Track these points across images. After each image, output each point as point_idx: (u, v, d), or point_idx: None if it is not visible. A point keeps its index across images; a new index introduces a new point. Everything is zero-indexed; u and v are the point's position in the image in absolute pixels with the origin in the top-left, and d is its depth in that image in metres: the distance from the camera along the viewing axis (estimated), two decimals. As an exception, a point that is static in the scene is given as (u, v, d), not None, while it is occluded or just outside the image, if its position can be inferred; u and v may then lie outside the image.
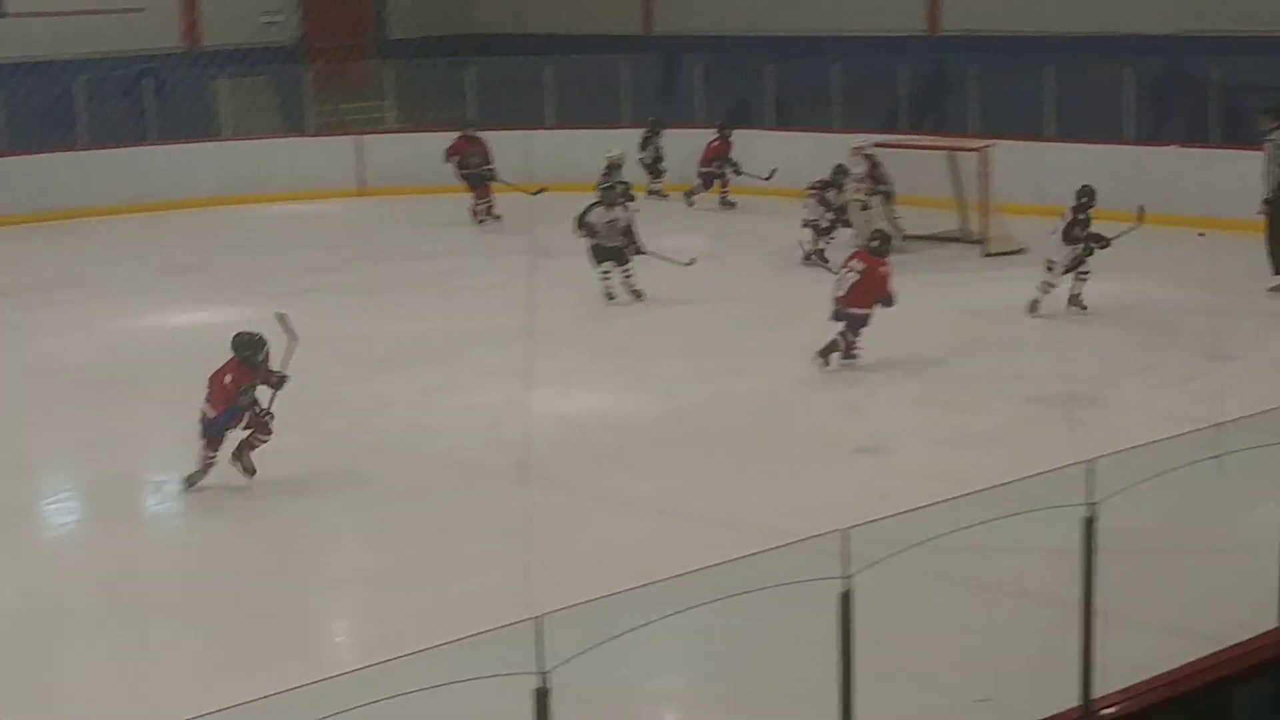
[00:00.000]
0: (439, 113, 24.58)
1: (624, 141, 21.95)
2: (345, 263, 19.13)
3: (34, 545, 10.56)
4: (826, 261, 16.30)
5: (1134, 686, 7.25)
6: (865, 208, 18.58)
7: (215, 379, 10.81)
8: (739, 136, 22.53)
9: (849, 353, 13.55)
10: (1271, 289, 15.80)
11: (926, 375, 13.57)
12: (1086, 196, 15.15)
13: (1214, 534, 9.26)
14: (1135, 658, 7.46)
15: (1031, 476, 7.44)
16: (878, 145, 19.48)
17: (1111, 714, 7.08)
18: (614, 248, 16.08)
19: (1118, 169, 20.03)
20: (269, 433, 10.94)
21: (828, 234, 18.04)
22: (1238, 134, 20.02)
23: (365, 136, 24.51)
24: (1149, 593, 8.29)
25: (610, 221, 16.03)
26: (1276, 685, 7.65)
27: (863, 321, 13.52)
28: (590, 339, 15.06)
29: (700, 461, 11.53)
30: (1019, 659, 7.98)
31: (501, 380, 12.95)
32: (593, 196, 16.86)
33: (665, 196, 22.39)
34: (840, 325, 13.51)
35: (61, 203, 22.08)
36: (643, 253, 16.19)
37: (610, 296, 16.07)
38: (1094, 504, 6.90)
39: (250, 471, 10.93)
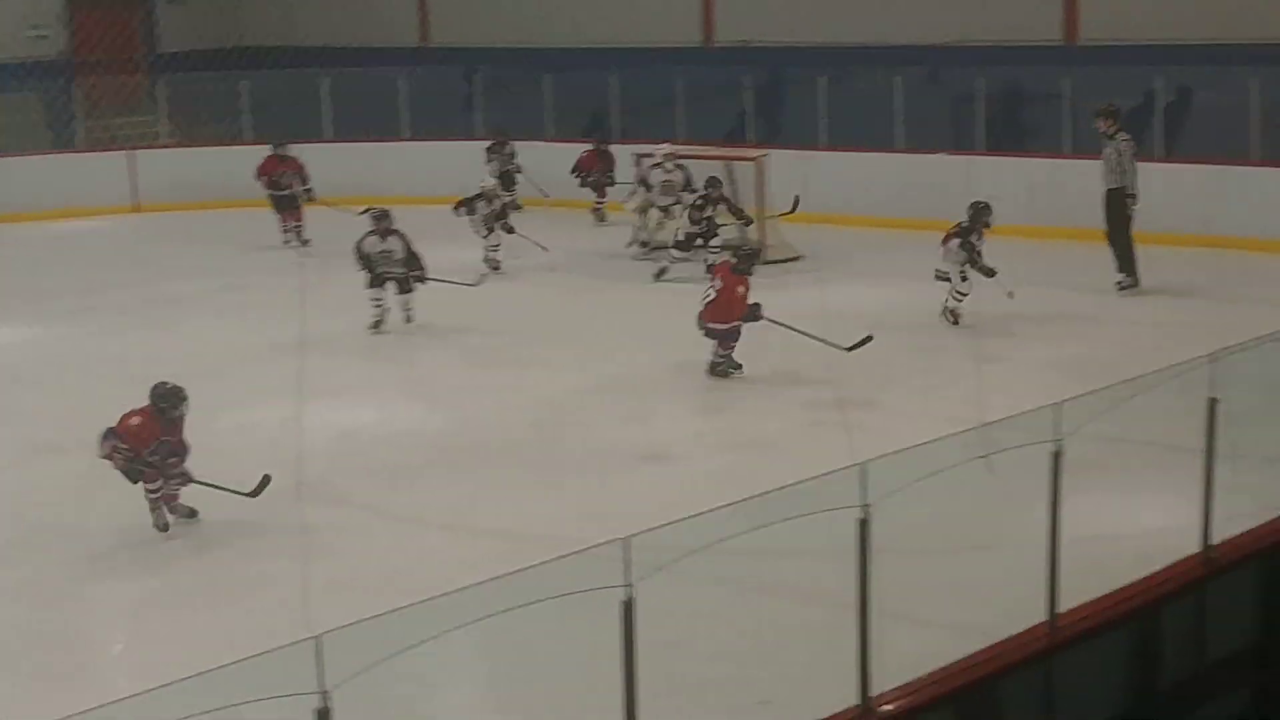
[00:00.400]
0: (213, 127, 24.20)
1: (414, 154, 21.99)
2: (120, 281, 18.72)
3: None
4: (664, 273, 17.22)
5: (910, 684, 7.43)
6: (668, 216, 18.77)
7: (125, 416, 10.22)
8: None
9: (720, 370, 13.59)
10: (1117, 285, 16.21)
11: (708, 383, 13.72)
12: (988, 214, 15.37)
13: (983, 531, 9.51)
14: (912, 655, 7.65)
15: (808, 480, 7.57)
16: (646, 156, 19.64)
17: (889, 711, 7.25)
18: (391, 277, 15.57)
19: (887, 176, 20.58)
20: (158, 483, 10.31)
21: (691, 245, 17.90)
22: (1001, 142, 20.67)
23: (138, 152, 24.02)
24: (923, 591, 8.49)
25: (384, 251, 15.53)
26: (1045, 677, 7.90)
27: (729, 335, 13.60)
28: (370, 353, 14.95)
29: (483, 474, 11.52)
30: (800, 660, 8.12)
31: (279, 397, 12.79)
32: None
33: (519, 208, 21.63)
34: (712, 342, 13.60)
35: None
36: (425, 280, 15.71)
37: (376, 324, 15.52)
38: (867, 505, 7.05)
39: (189, 513, 10.48)
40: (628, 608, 6.32)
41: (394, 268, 15.56)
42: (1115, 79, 21.00)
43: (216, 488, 10.40)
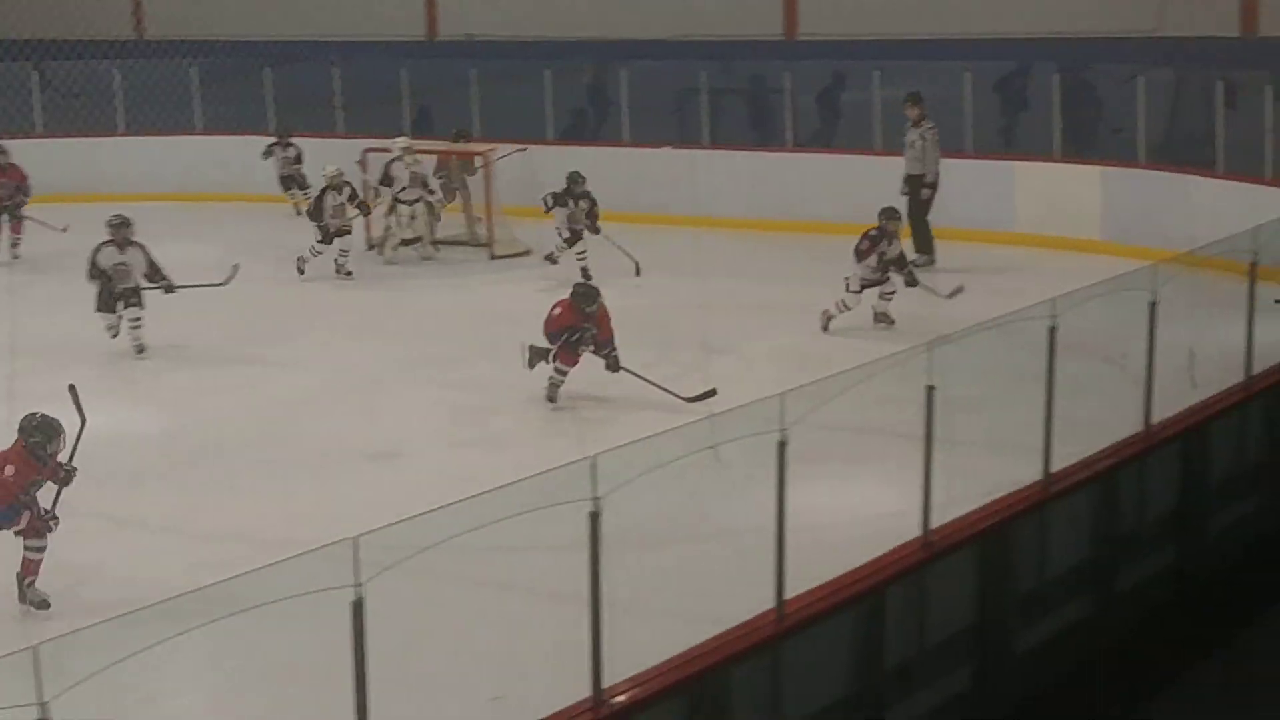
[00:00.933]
0: None
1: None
2: None
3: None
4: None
5: (642, 674, 7.48)
6: (413, 216, 18.52)
7: None
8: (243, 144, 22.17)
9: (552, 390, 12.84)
10: (912, 263, 15.77)
11: (440, 379, 13.66)
12: (895, 219, 15.25)
13: (712, 521, 9.64)
14: (644, 646, 7.70)
15: (540, 475, 7.56)
16: (375, 151, 19.44)
17: (622, 702, 7.29)
18: (125, 291, 14.55)
19: (615, 170, 20.68)
20: (44, 539, 9.06)
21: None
22: (724, 135, 20.99)
23: None
24: (655, 582, 8.56)
25: (121, 264, 14.48)
26: (774, 662, 8.03)
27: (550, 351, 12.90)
28: (93, 355, 14.46)
29: (211, 476, 11.28)
30: (533, 655, 8.12)
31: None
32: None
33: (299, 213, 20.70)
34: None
35: None
36: (172, 289, 14.72)
37: (113, 334, 14.69)
38: (597, 498, 7.08)
39: (43, 604, 9.04)
40: (357, 607, 6.24)
41: (130, 282, 14.48)
42: (834, 74, 21.55)
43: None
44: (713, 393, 12.43)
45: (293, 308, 16.65)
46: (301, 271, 17.69)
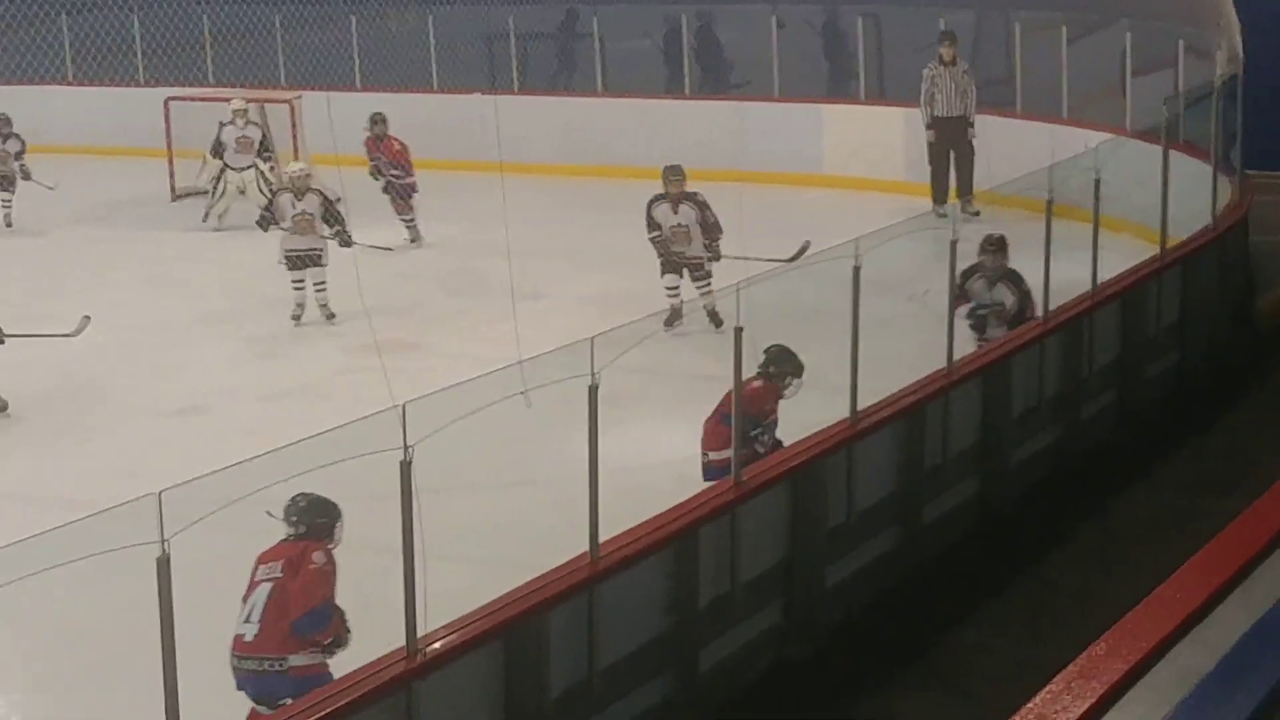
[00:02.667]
0: None
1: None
2: None
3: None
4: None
5: (457, 621, 7.48)
6: (242, 187, 17.72)
7: None
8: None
9: None
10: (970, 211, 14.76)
11: (244, 332, 13.47)
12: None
13: (526, 468, 9.66)
14: (459, 594, 7.69)
15: (348, 424, 7.49)
16: (180, 99, 19.05)
17: (438, 650, 7.28)
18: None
19: (422, 116, 20.54)
20: None
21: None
22: (533, 82, 20.93)
23: None
24: (468, 530, 8.57)
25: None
26: (589, 606, 8.07)
27: None
28: None
29: (7, 435, 11.02)
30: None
31: None
32: None
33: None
34: None
35: None
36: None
37: None
38: (409, 447, 7.04)
39: None
40: (163, 564, 6.14)
41: None
42: (641, 16, 21.57)
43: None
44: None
45: (89, 262, 16.27)
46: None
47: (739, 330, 9.03)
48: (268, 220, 14.24)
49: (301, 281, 13.87)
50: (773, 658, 9.21)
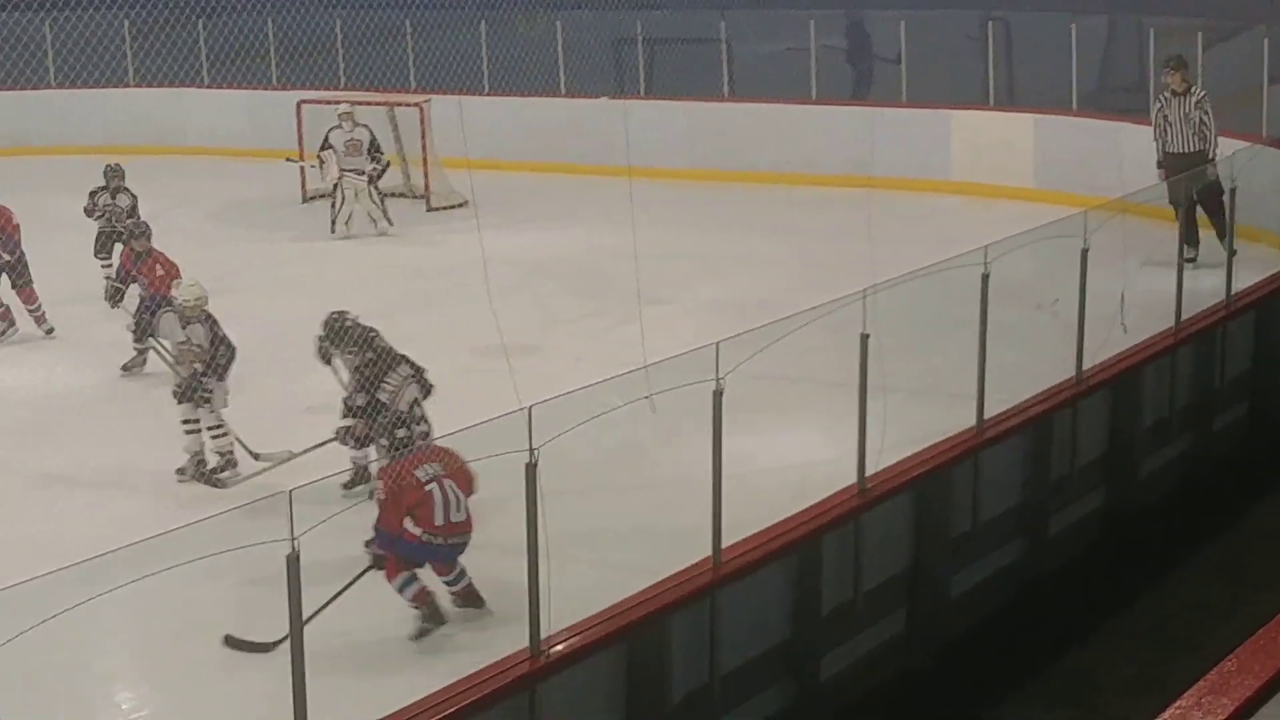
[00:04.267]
0: None
1: None
2: None
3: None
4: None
5: (580, 624, 7.52)
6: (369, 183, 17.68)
7: None
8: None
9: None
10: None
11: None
12: None
13: (649, 471, 9.67)
14: (582, 596, 7.73)
15: (472, 426, 7.56)
16: (312, 102, 19.28)
17: (560, 651, 7.33)
18: (117, 233, 14.44)
19: (549, 120, 20.66)
20: None
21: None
22: (662, 86, 20.93)
23: None
24: (592, 533, 8.58)
25: (111, 206, 14.49)
26: (711, 611, 8.07)
27: None
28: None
29: (138, 431, 11.18)
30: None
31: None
32: None
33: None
34: None
35: None
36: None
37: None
38: (535, 449, 7.09)
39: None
40: (293, 561, 6.23)
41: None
42: (772, 23, 21.51)
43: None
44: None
45: (221, 261, 16.49)
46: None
47: (865, 337, 9.00)
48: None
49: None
50: (894, 667, 9.15)
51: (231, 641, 7.60)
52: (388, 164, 18.52)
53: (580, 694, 7.57)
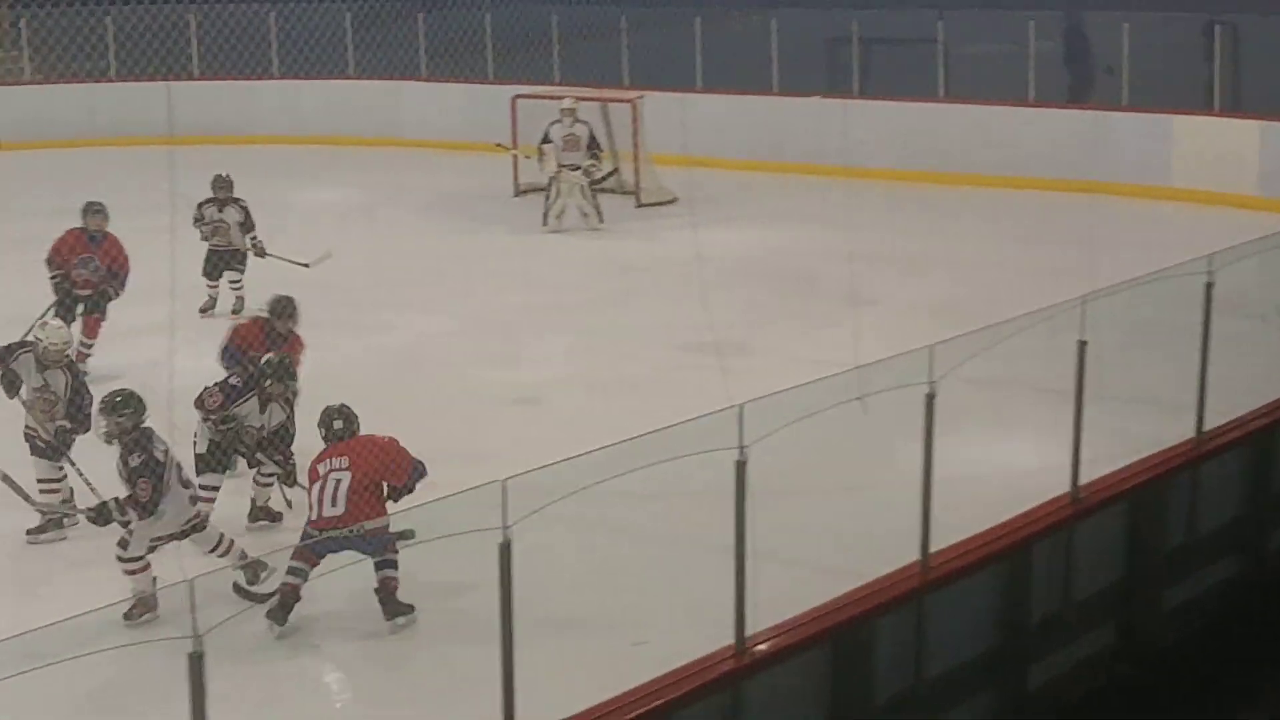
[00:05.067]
0: (76, 64, 23.68)
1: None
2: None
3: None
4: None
5: (784, 623, 7.48)
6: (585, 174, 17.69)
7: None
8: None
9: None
10: None
11: (580, 326, 13.69)
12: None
13: (857, 473, 9.59)
14: (786, 596, 7.70)
15: (683, 423, 7.57)
16: (527, 97, 19.47)
17: (764, 651, 7.30)
18: (225, 253, 14.05)
19: (763, 119, 20.62)
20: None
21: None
22: (875, 86, 20.75)
23: (-1, 88, 23.51)
24: (797, 532, 8.54)
25: (220, 221, 14.00)
26: (917, 616, 7.99)
27: None
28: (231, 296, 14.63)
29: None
30: (674, 602, 8.14)
31: (147, 339, 12.58)
32: None
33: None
34: None
35: None
36: (263, 256, 13.98)
37: (205, 309, 14.01)
38: (745, 447, 7.07)
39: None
40: (505, 549, 6.29)
41: (224, 240, 13.98)
42: (988, 23, 21.22)
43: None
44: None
45: (434, 252, 16.77)
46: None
47: (1082, 344, 8.83)
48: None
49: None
50: (1103, 679, 8.97)
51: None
52: (613, 170, 18.64)
53: (783, 694, 7.54)
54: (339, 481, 7.94)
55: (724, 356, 12.11)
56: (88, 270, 12.05)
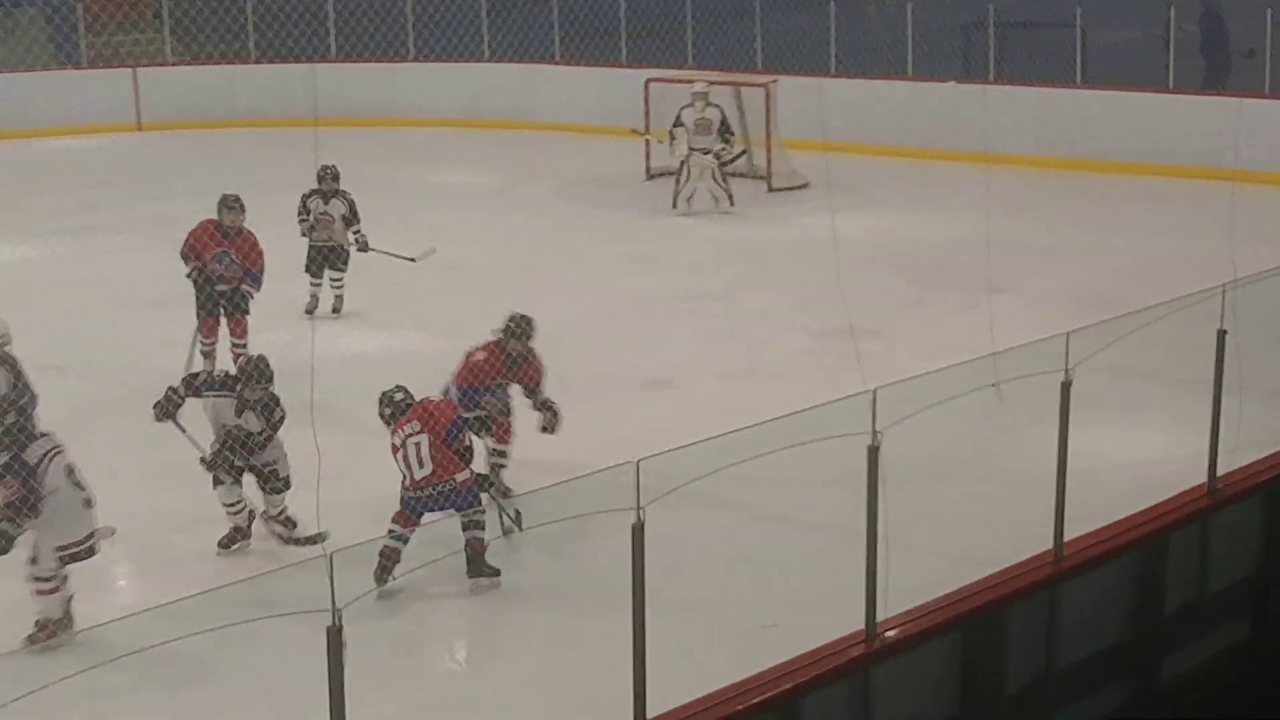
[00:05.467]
0: (217, 45, 24.08)
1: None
2: (121, 200, 18.66)
3: None
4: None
5: (915, 609, 7.48)
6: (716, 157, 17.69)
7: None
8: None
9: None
10: None
11: (712, 311, 13.71)
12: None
13: (991, 460, 9.54)
14: (916, 582, 7.68)
15: (816, 407, 7.57)
16: (659, 80, 19.51)
17: (894, 637, 7.30)
18: (327, 249, 13.56)
19: (897, 103, 20.48)
20: None
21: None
22: (1011, 71, 20.54)
23: (141, 69, 23.91)
24: (929, 519, 8.51)
25: (325, 214, 13.48)
26: (1050, 605, 7.94)
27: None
28: (373, 279, 14.81)
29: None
30: (805, 585, 8.15)
31: (287, 318, 12.80)
32: None
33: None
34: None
35: None
36: (366, 250, 13.60)
37: (309, 310, 13.59)
38: (878, 432, 7.07)
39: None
40: (638, 531, 6.34)
41: (328, 235, 13.51)
42: (1126, 8, 20.93)
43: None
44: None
45: (566, 236, 16.86)
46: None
47: (1222, 333, 8.72)
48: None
49: None
50: (1239, 673, 8.86)
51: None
52: (743, 152, 18.60)
53: (913, 680, 7.53)
54: (418, 444, 8.27)
55: (857, 341, 12.09)
56: (223, 265, 11.76)
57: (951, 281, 14.28)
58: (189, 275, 11.81)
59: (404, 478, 8.33)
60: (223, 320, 11.95)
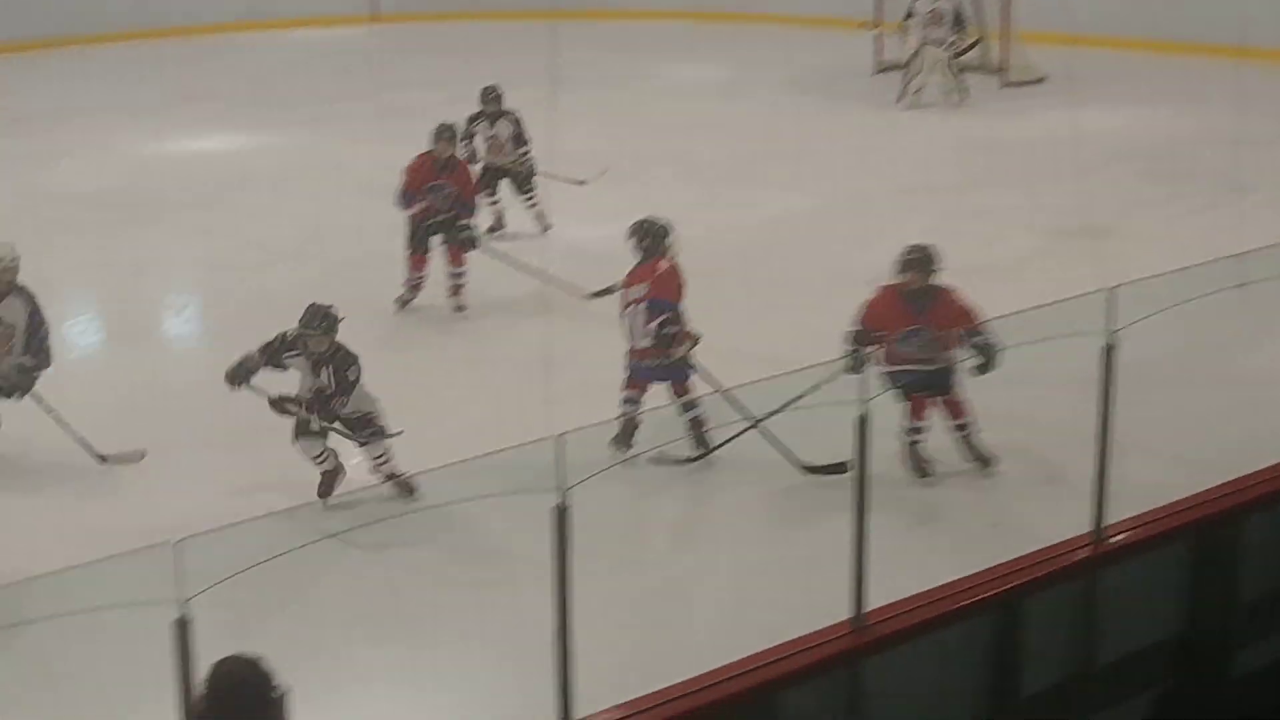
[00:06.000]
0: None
1: None
2: (358, 90, 18.89)
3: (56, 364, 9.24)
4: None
5: (1145, 514, 7.29)
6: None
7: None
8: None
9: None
10: None
11: (941, 207, 13.45)
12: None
13: (1231, 365, 9.23)
14: (1146, 487, 7.49)
15: (1049, 305, 7.40)
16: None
17: (1121, 541, 7.13)
18: (501, 168, 12.97)
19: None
20: None
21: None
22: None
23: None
24: (1163, 423, 8.28)
25: (492, 137, 12.91)
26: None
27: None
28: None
29: (708, 291, 11.41)
30: (1029, 487, 8.00)
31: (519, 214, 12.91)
32: None
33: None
34: None
35: (70, 28, 21.77)
36: (533, 174, 12.99)
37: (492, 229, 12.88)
38: (1115, 331, 6.87)
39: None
40: (862, 423, 6.26)
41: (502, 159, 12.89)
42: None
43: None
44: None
45: (793, 129, 16.67)
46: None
47: None
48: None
49: None
50: None
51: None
52: (977, 41, 18.12)
53: (1141, 586, 7.34)
54: (637, 313, 8.37)
55: (1094, 241, 11.78)
56: (438, 198, 11.28)
57: (1197, 179, 13.81)
58: (411, 218, 11.28)
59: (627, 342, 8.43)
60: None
